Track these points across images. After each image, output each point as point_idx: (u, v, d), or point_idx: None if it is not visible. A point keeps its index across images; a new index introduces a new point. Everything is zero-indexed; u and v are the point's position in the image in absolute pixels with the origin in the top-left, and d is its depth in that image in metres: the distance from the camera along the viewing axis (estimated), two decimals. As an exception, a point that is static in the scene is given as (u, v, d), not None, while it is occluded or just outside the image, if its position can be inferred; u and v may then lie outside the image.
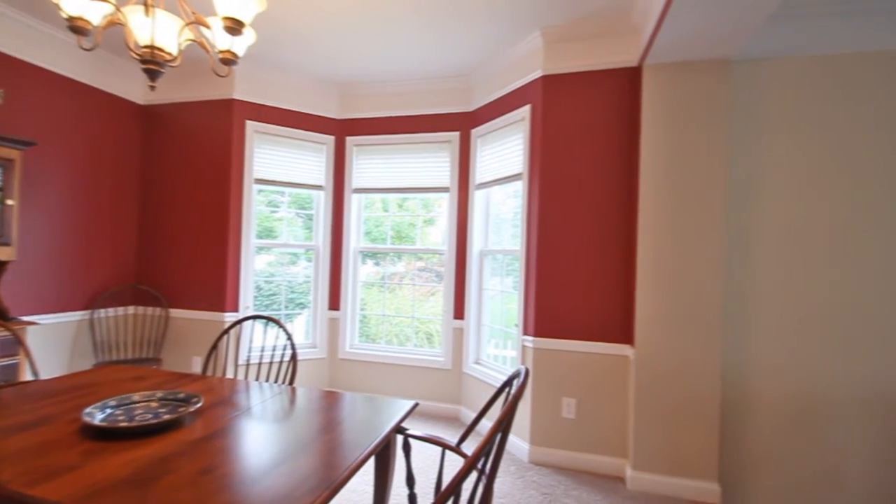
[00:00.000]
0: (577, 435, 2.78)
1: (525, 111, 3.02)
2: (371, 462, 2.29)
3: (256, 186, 3.69)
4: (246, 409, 1.58)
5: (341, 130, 3.93)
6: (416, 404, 1.74)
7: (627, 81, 2.75)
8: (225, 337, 3.45)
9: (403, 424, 1.62)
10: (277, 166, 3.74)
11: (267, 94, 3.65)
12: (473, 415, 3.13)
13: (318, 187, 3.88)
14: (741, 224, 2.59)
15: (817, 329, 2.49)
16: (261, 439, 1.34)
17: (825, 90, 2.51)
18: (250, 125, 3.60)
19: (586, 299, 2.80)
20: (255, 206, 3.72)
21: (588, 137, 2.82)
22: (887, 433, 2.38)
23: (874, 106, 2.44)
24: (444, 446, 1.58)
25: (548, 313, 2.86)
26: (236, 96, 3.54)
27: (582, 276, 2.81)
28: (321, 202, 3.91)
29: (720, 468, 2.52)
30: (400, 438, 1.69)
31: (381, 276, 4.10)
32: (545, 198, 2.88)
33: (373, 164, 3.90)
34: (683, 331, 2.50)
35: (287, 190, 3.88)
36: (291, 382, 2.14)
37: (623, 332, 2.73)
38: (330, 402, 1.72)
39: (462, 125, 3.66)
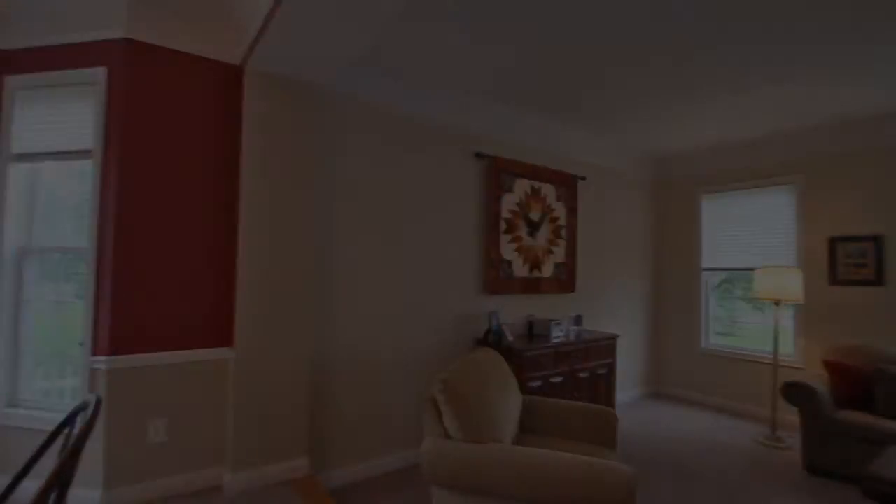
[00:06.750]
0: (168, 458, 2.47)
1: (99, 74, 2.42)
2: None
3: None
4: None
5: None
6: None
7: (234, 78, 2.69)
8: None
9: None
10: None
11: None
12: (9, 479, 2.23)
13: None
14: (326, 234, 3.04)
15: (377, 316, 3.24)
16: None
17: (379, 130, 3.28)
18: None
19: (181, 305, 2.54)
20: None
21: (190, 125, 2.56)
22: (414, 381, 3.41)
23: (403, 148, 3.44)
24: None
25: (130, 324, 2.40)
26: None
27: (176, 280, 2.52)
28: None
29: (309, 443, 2.87)
30: None
31: None
32: (129, 186, 2.41)
33: None
34: (279, 328, 2.68)
35: None
36: None
37: (223, 334, 2.64)
38: None
39: (-14, 64, 2.52)
